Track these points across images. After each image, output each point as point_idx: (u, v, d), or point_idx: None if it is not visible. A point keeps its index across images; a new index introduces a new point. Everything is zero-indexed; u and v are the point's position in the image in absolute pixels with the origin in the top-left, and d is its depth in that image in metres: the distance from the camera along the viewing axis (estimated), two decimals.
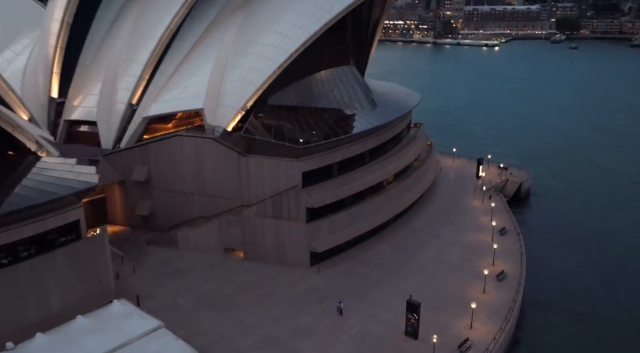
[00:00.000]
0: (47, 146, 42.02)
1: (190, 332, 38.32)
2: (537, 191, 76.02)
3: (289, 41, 51.92)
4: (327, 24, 51.75)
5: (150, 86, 55.75)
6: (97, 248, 39.70)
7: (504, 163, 77.44)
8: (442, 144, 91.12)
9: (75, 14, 59.41)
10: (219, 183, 51.37)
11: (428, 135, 76.22)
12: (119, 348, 32.90)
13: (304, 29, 52.09)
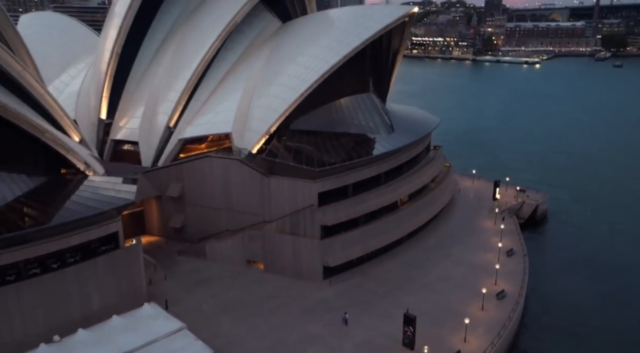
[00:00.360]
0: (93, 165, 48.17)
1: (210, 334, 43.10)
2: (555, 214, 77.76)
3: (310, 72, 56.92)
4: (345, 57, 56.60)
5: (186, 111, 61.78)
6: (133, 257, 45.33)
7: (522, 185, 79.75)
8: (466, 164, 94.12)
9: (123, 45, 66.32)
10: (243, 200, 56.51)
11: (451, 154, 79.56)
12: (146, 345, 38.01)
13: (324, 61, 57.03)
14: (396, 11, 61.85)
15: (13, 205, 40.44)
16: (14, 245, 38.64)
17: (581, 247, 68.03)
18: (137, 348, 37.58)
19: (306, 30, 64.82)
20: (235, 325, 45.57)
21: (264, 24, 67.92)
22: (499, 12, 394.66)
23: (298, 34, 64.63)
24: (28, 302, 39.69)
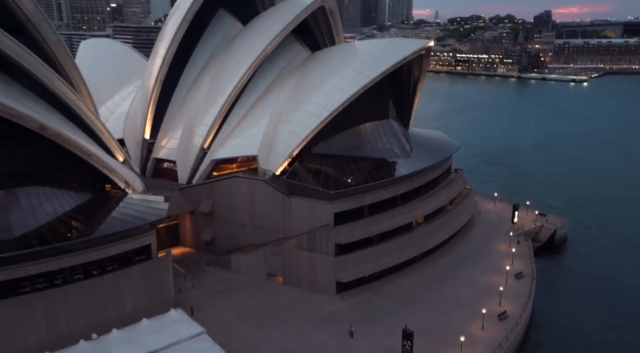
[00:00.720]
0: (133, 183, 54.33)
1: (227, 339, 47.87)
2: (575, 240, 78.85)
3: (331, 101, 61.63)
4: (363, 88, 61.07)
5: (219, 134, 67.63)
6: (163, 267, 50.96)
7: (545, 209, 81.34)
8: (491, 185, 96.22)
9: (167, 72, 73.13)
10: (266, 218, 61.51)
11: (478, 175, 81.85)
12: (168, 346, 43.01)
13: (344, 91, 61.67)
14: (413, 45, 65.89)
15: (62, 219, 46.80)
16: (62, 253, 44.89)
17: (596, 274, 69.06)
18: (160, 348, 42.65)
19: (331, 61, 69.71)
20: (252, 333, 50.27)
21: (294, 54, 73.33)
22: (547, 29, 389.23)
23: (324, 64, 69.60)
24: (72, 303, 45.79)
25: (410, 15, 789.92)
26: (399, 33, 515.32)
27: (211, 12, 78.31)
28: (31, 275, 44.01)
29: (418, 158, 67.68)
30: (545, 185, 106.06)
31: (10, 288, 43.54)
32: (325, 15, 75.35)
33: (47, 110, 55.22)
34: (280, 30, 68.55)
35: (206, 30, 77.69)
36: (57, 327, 44.70)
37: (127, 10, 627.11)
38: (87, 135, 57.43)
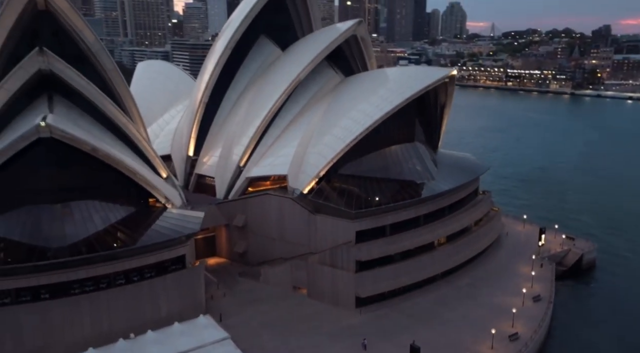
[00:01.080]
0: (173, 198, 60.10)
1: (249, 345, 52.26)
2: (605, 266, 78.55)
3: (357, 126, 65.57)
4: (387, 113, 64.70)
5: (254, 153, 72.84)
6: (195, 276, 56.20)
7: (576, 234, 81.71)
8: (525, 206, 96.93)
9: (210, 95, 79.31)
10: (294, 233, 65.88)
11: (513, 196, 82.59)
12: (195, 349, 47.98)
13: (369, 116, 65.49)
14: (436, 73, 69.00)
15: (109, 229, 52.90)
16: (107, 260, 50.86)
17: (619, 302, 68.82)
18: (187, 350, 47.68)
19: (360, 87, 73.71)
20: (271, 340, 54.49)
21: (326, 80, 77.89)
22: (605, 44, 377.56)
23: (353, 89, 73.68)
24: (114, 305, 51.60)
25: (464, 28, 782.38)
26: (450, 47, 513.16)
27: (253, 39, 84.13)
28: (80, 279, 50.15)
29: (442, 180, 70.37)
30: (582, 209, 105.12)
31: (62, 289, 49.79)
32: (357, 43, 79.56)
33: (101, 131, 62.22)
34: (313, 59, 73.30)
35: (247, 56, 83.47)
36: (100, 326, 50.51)
37: (187, 26, 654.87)
38: (135, 154, 64.11)
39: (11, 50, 62.95)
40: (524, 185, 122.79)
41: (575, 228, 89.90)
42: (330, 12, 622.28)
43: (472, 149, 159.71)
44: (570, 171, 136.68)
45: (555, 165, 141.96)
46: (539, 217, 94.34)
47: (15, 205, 51.53)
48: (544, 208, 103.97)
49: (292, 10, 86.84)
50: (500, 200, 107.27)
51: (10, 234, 50.24)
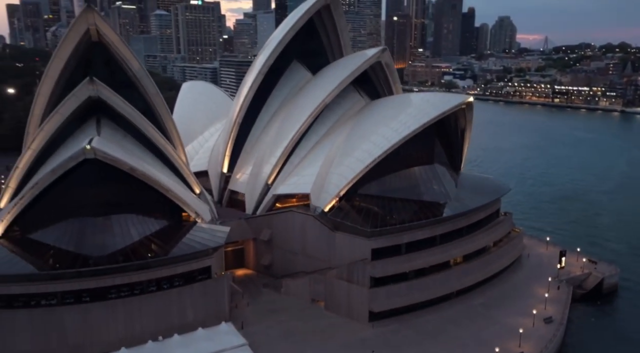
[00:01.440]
0: (203, 214, 65.59)
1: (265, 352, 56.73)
2: (627, 290, 78.43)
3: (376, 149, 69.42)
4: (404, 137, 68.33)
5: (281, 172, 77.70)
6: (220, 286, 61.18)
7: (602, 257, 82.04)
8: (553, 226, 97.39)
9: (244, 117, 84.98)
10: (314, 248, 70.06)
11: (542, 216, 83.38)
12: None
13: (387, 140, 69.20)
14: (453, 100, 72.15)
15: (144, 241, 58.74)
16: (140, 269, 56.59)
17: (636, 330, 69.00)
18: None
19: (383, 112, 77.54)
20: (287, 349, 58.61)
21: (351, 104, 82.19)
22: None
23: (376, 113, 77.55)
24: (145, 310, 57.16)
25: (513, 42, 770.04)
26: (497, 62, 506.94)
27: (286, 64, 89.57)
28: (117, 285, 55.99)
29: (461, 201, 73.04)
30: (612, 233, 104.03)
31: (101, 294, 55.78)
32: (382, 69, 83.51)
33: (142, 151, 68.86)
34: (338, 84, 77.83)
35: (280, 80, 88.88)
36: (132, 328, 56.08)
37: (237, 41, 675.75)
38: (171, 171, 70.35)
39: (67, 77, 70.70)
40: (555, 205, 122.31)
41: (602, 252, 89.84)
42: (377, 27, 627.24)
43: (508, 168, 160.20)
44: (608, 193, 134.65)
45: (593, 186, 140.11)
46: (566, 238, 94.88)
47: (63, 217, 58.18)
48: (573, 230, 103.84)
49: (324, 36, 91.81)
50: (529, 219, 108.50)
51: (59, 243, 56.83)
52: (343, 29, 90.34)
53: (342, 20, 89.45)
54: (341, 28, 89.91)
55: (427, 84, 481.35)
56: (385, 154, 68.25)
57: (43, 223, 58.18)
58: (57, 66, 69.29)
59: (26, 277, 54.03)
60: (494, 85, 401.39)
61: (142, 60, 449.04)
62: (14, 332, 53.73)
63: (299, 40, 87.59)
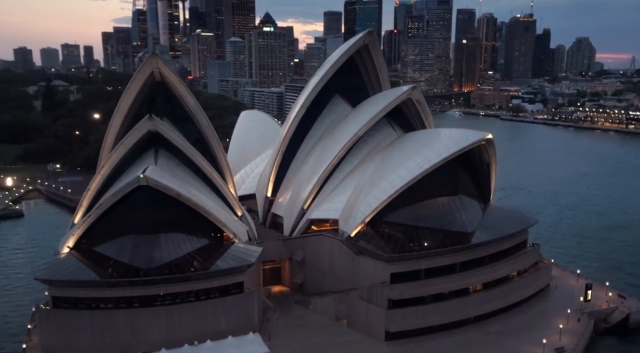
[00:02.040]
0: (239, 235, 73.89)
1: None
2: None
3: (399, 180, 75.12)
4: (425, 171, 73.71)
5: (316, 199, 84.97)
6: (250, 300, 68.83)
7: (627, 292, 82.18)
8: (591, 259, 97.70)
9: (287, 146, 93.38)
10: (341, 270, 76.36)
11: (586, 247, 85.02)
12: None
13: (410, 173, 74.78)
14: (473, 136, 76.65)
15: (186, 257, 67.68)
16: (182, 281, 65.43)
17: None
18: None
19: (410, 146, 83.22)
20: None
21: (383, 137, 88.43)
22: None
23: (404, 147, 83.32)
24: (184, 317, 65.74)
25: (592, 63, 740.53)
26: (571, 85, 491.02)
27: (328, 98, 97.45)
28: (162, 294, 65.10)
29: (483, 231, 76.84)
30: None
31: (148, 301, 65.04)
32: (414, 104, 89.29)
33: (192, 178, 78.70)
34: (369, 119, 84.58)
35: (322, 113, 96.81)
36: (172, 333, 64.74)
37: (307, 65, 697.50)
38: (217, 196, 79.68)
39: (135, 112, 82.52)
40: (601, 238, 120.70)
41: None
42: (446, 50, 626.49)
43: (558, 198, 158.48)
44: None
45: (635, 219, 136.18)
46: (603, 270, 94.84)
47: (122, 234, 68.32)
48: (612, 264, 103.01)
49: (364, 73, 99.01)
50: (567, 250, 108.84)
51: (117, 255, 66.88)
52: (381, 67, 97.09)
53: (379, 59, 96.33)
54: (379, 66, 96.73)
55: (494, 108, 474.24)
56: (408, 185, 73.79)
57: (105, 238, 68.58)
58: (126, 102, 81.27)
59: (89, 283, 64.30)
60: (564, 110, 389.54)
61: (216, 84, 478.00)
62: (78, 329, 63.91)
63: (341, 76, 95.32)
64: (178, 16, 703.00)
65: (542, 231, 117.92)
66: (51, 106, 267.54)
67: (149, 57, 79.90)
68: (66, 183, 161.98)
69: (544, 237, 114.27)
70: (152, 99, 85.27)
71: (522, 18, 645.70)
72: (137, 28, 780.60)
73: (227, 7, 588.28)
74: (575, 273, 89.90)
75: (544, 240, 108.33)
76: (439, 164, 73.98)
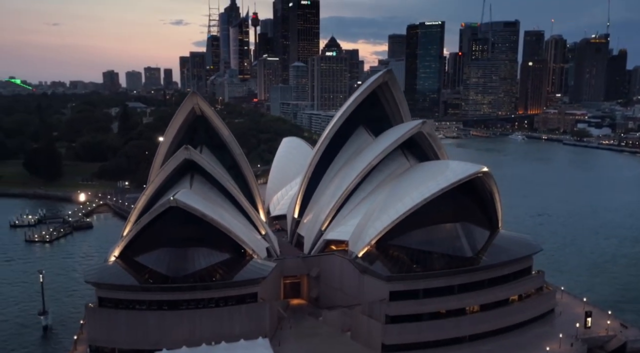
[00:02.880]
0: (258, 251, 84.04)
1: None
2: None
3: (403, 207, 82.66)
4: (425, 199, 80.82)
5: (333, 221, 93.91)
6: (263, 309, 78.37)
7: (629, 322, 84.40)
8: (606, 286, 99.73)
9: (312, 172, 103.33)
10: (349, 286, 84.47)
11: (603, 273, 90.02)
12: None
13: (413, 201, 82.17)
14: (472, 169, 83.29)
15: (209, 269, 78.50)
16: (204, 289, 76.22)
17: None
18: None
19: (418, 176, 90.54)
20: None
21: (397, 166, 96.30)
22: None
23: (413, 177, 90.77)
24: (205, 321, 76.27)
25: None
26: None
27: (352, 129, 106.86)
28: (186, 299, 76.14)
29: (485, 257, 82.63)
30: None
31: (175, 305, 76.26)
32: (425, 137, 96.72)
33: (222, 199, 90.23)
34: (382, 150, 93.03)
35: (346, 143, 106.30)
36: (193, 333, 75.32)
37: None
38: (243, 216, 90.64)
39: (179, 141, 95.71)
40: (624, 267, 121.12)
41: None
42: (512, 73, 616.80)
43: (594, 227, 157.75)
44: None
45: None
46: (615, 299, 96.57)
47: (157, 246, 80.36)
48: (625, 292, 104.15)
49: (387, 106, 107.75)
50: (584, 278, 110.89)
51: (152, 264, 78.75)
52: (401, 100, 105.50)
53: (399, 94, 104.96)
54: (399, 100, 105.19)
55: (557, 132, 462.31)
56: (409, 212, 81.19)
57: (144, 249, 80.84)
58: (171, 133, 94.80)
59: (128, 287, 76.51)
60: (632, 135, 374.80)
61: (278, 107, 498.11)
62: (117, 325, 76.00)
63: (364, 109, 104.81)
64: (248, 41, 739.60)
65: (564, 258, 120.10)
66: (126, 127, 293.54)
67: (190, 95, 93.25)
68: (131, 199, 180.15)
69: (566, 264, 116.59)
70: (194, 130, 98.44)
71: (593, 39, 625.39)
72: (211, 53, 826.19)
73: (293, 33, 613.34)
74: (582, 301, 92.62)
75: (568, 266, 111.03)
76: (438, 194, 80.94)
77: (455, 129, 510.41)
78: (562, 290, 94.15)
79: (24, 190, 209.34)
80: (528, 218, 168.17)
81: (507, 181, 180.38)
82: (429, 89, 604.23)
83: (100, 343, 76.05)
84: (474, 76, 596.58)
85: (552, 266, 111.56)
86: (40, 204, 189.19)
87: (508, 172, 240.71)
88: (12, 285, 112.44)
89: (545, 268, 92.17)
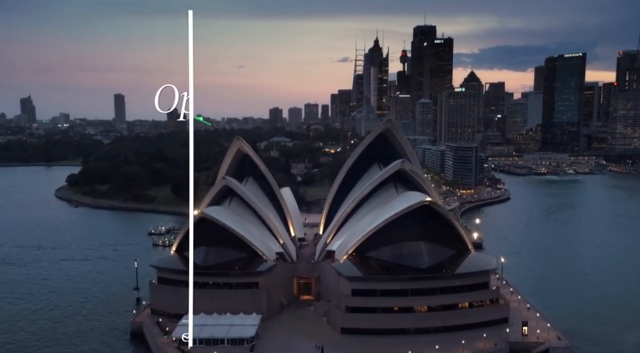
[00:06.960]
0: (268, 254, 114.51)
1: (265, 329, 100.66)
2: None
3: (368, 227, 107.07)
4: (384, 221, 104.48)
5: (335, 236, 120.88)
6: (260, 294, 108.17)
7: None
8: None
9: (332, 200, 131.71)
10: (332, 285, 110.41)
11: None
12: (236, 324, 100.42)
13: (377, 223, 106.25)
14: (419, 198, 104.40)
15: (230, 262, 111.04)
16: (222, 276, 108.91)
17: None
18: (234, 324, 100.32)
19: (392, 204, 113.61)
20: (283, 333, 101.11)
21: (386, 195, 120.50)
22: None
23: (389, 205, 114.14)
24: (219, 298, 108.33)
25: None
26: None
27: (368, 165, 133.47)
28: (210, 282, 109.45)
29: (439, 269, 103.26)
30: None
31: (203, 286, 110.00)
32: (408, 173, 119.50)
33: (251, 215, 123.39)
34: (371, 183, 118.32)
35: (362, 177, 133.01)
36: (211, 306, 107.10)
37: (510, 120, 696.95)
38: (266, 228, 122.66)
39: (232, 173, 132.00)
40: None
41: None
42: None
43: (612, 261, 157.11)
44: None
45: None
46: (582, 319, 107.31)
47: (198, 245, 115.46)
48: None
49: (397, 146, 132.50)
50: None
51: (195, 257, 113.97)
52: (405, 143, 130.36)
53: (402, 138, 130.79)
54: (403, 142, 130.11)
55: None
56: (372, 232, 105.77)
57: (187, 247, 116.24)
58: (223, 168, 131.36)
59: (175, 270, 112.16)
60: None
61: None
62: (167, 297, 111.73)
63: (377, 149, 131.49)
64: (387, 79, 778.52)
65: None
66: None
67: (235, 139, 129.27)
68: None
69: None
70: (242, 164, 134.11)
71: None
72: (356, 90, 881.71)
73: (427, 70, 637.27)
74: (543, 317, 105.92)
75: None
76: (392, 219, 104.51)
77: (593, 164, 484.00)
78: (527, 307, 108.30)
79: (168, 208, 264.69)
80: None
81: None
82: (568, 122, 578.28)
83: (156, 307, 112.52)
84: (622, 108, 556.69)
85: None
86: (175, 219, 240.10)
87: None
88: (125, 270, 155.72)
89: None
